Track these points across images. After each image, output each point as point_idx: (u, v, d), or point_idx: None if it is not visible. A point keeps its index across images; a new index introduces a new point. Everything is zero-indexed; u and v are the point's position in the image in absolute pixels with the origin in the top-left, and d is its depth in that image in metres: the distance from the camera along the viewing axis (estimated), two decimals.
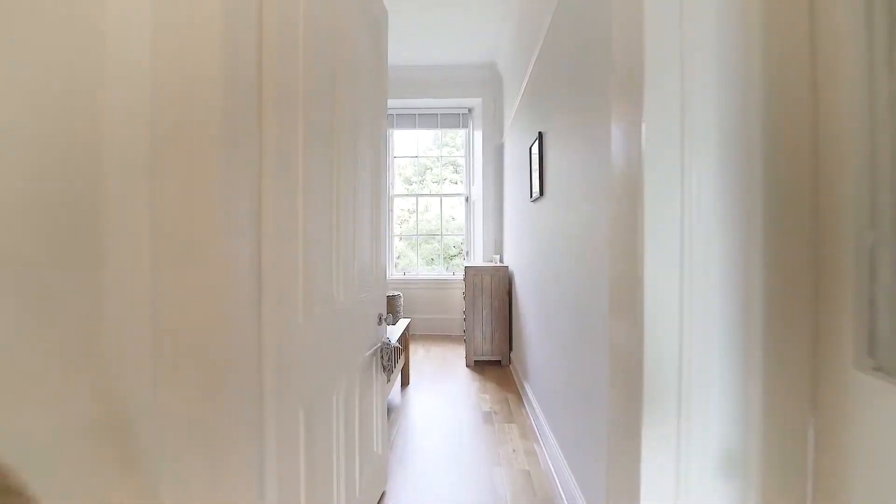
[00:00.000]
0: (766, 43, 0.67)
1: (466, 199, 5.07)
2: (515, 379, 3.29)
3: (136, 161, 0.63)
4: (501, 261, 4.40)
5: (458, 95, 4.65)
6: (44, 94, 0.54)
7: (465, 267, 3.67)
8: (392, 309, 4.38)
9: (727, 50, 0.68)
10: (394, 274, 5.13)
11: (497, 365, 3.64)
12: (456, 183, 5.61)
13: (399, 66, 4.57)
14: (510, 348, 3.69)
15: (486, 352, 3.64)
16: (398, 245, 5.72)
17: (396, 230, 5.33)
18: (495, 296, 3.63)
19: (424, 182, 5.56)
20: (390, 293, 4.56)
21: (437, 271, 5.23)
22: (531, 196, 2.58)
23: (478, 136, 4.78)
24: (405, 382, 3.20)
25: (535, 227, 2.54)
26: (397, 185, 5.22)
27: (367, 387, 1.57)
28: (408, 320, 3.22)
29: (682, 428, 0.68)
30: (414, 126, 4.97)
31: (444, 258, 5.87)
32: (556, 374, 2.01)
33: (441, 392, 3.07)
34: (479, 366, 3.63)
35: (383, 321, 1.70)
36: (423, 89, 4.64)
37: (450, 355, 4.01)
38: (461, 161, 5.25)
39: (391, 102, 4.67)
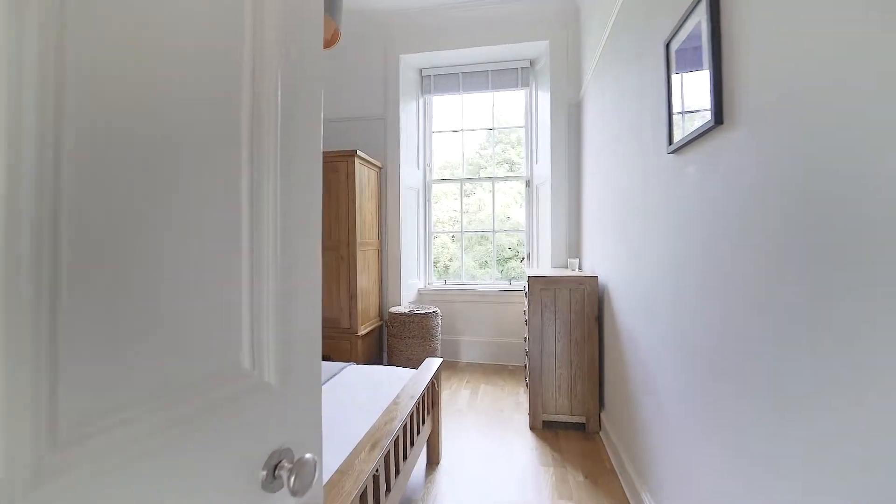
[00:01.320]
0: None
1: (527, 184, 3.80)
2: (613, 460, 1.98)
3: None
4: (580, 267, 3.08)
5: (516, 40, 3.40)
6: None
7: (529, 277, 2.42)
8: (425, 331, 3.25)
9: None
10: (431, 282, 3.98)
11: (579, 431, 2.35)
12: (512, 170, 4.36)
13: (432, 6, 3.43)
14: (601, 406, 2.37)
15: (561, 409, 2.36)
16: (450, 247, 4.60)
17: (438, 228, 4.19)
18: (576, 322, 2.34)
19: (473, 164, 4.37)
20: (424, 310, 3.44)
21: (489, 279, 4.00)
22: (670, 141, 1.30)
23: (543, 97, 3.51)
24: (433, 460, 2.02)
25: (683, 197, 1.25)
26: (438, 169, 4.07)
27: None
28: (437, 363, 2.04)
29: None
30: (457, 89, 3.80)
31: (498, 261, 4.64)
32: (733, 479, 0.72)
33: (488, 484, 1.86)
34: (550, 431, 2.36)
35: (283, 479, 0.52)
36: (469, 35, 3.46)
37: (506, 404, 2.77)
38: (518, 134, 3.99)
39: (423, 59, 3.54)
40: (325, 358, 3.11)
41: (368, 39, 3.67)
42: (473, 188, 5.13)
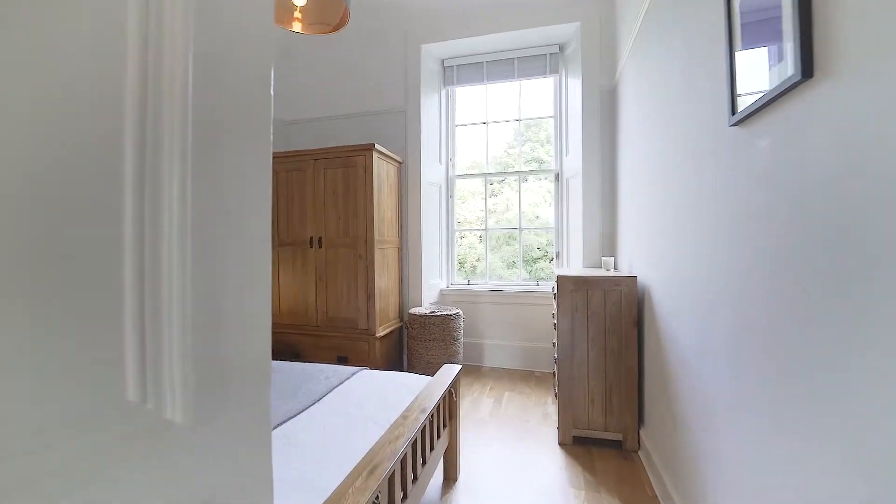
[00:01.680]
0: None
1: (556, 178, 3.55)
2: (655, 485, 1.74)
3: None
4: (615, 267, 2.82)
5: (544, 23, 3.17)
6: None
7: (558, 277, 2.20)
8: (446, 334, 3.08)
9: None
10: (454, 283, 3.81)
11: (615, 449, 2.10)
12: (541, 168, 4.14)
13: None
14: (640, 422, 2.12)
15: (595, 423, 2.12)
16: (478, 247, 4.41)
17: (465, 227, 4.01)
18: (612, 327, 2.10)
19: (500, 163, 4.16)
20: (446, 311, 3.26)
21: (516, 280, 3.78)
22: (733, 111, 1.06)
23: (574, 84, 3.26)
24: (450, 475, 1.84)
25: (752, 179, 1.02)
26: (462, 164, 3.89)
27: None
28: (455, 370, 1.86)
29: None
30: (481, 79, 3.60)
31: (526, 261, 4.42)
32: None
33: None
34: (582, 447, 2.13)
35: None
36: (493, 20, 3.26)
37: (533, 414, 2.55)
38: (547, 131, 3.75)
39: (445, 49, 3.38)
40: (342, 360, 2.99)
41: (388, 30, 3.54)
42: (501, 188, 4.92)
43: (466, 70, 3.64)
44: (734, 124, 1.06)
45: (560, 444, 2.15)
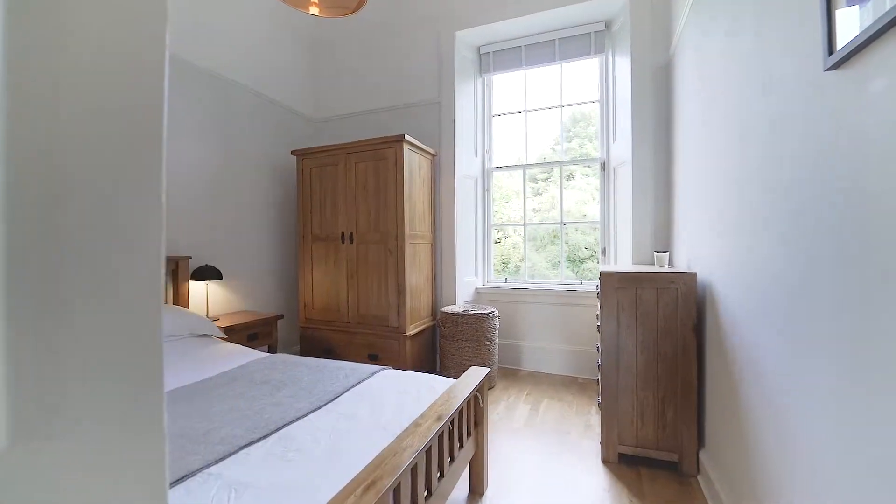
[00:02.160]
0: None
1: (602, 168, 3.26)
2: None
3: None
4: (670, 263, 2.50)
5: None
6: None
7: (601, 273, 1.96)
8: (480, 334, 2.90)
9: None
10: (491, 280, 3.62)
11: (669, 471, 1.82)
12: (590, 165, 3.87)
13: None
14: (700, 442, 1.83)
15: (645, 440, 1.86)
16: (521, 247, 4.19)
17: (499, 223, 3.81)
18: (666, 331, 1.83)
19: (544, 157, 3.91)
20: (480, 310, 3.09)
21: (559, 279, 3.52)
22: (830, 50, 0.81)
23: (622, 64, 2.96)
24: (476, 489, 1.67)
25: (860, 138, 0.77)
26: (501, 158, 3.70)
27: None
28: (482, 374, 1.69)
29: None
30: (519, 64, 3.39)
31: (572, 262, 4.15)
32: None
33: None
34: (629, 467, 1.87)
35: None
36: None
37: (574, 425, 2.32)
38: (594, 117, 3.46)
39: (480, 35, 3.21)
40: (373, 358, 2.91)
41: (420, 20, 3.43)
42: (546, 185, 4.65)
43: (503, 56, 3.44)
44: (832, 67, 0.81)
45: (604, 461, 1.91)
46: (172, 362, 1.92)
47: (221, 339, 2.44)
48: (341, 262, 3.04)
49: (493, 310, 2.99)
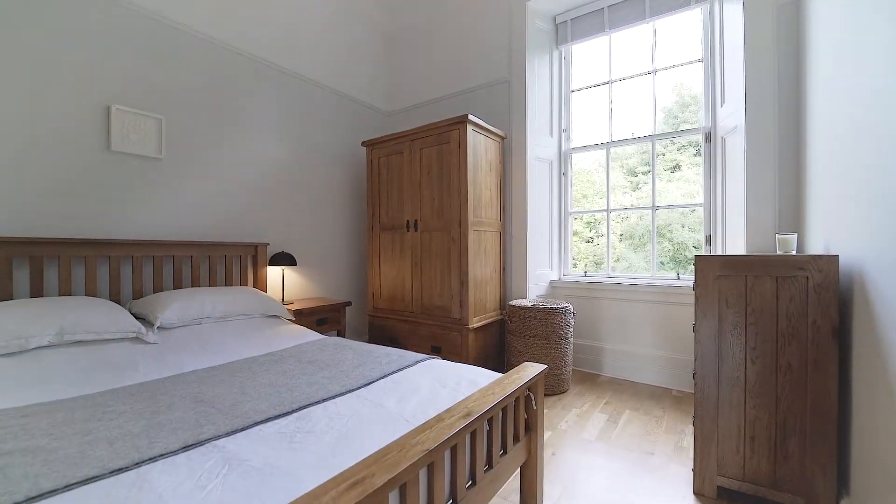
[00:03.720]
0: None
1: (706, 138, 2.71)
2: None
3: None
4: (799, 249, 1.94)
5: None
6: None
7: (697, 259, 1.56)
8: (551, 331, 2.59)
9: None
10: (568, 273, 3.27)
11: None
12: (699, 153, 3.32)
13: None
14: (841, 487, 1.34)
15: (756, 474, 1.42)
16: (617, 247, 3.77)
17: (575, 210, 3.43)
18: (790, 334, 1.38)
19: (645, 151, 3.43)
20: (550, 305, 2.78)
21: (650, 274, 3.04)
22: None
23: (732, 11, 2.41)
24: (529, 503, 1.43)
25: None
26: (580, 136, 3.33)
27: None
28: (538, 369, 1.44)
29: None
30: (602, 28, 3.00)
31: (678, 263, 3.59)
32: None
33: None
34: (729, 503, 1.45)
35: None
36: None
37: (661, 445, 1.92)
38: (688, 75, 2.90)
39: (555, 2, 2.90)
40: (436, 351, 2.80)
41: None
42: (647, 178, 4.11)
43: (583, 22, 3.08)
44: None
45: (696, 493, 1.52)
46: (238, 339, 2.02)
47: (290, 321, 2.55)
48: (406, 250, 2.99)
49: (566, 304, 2.66)
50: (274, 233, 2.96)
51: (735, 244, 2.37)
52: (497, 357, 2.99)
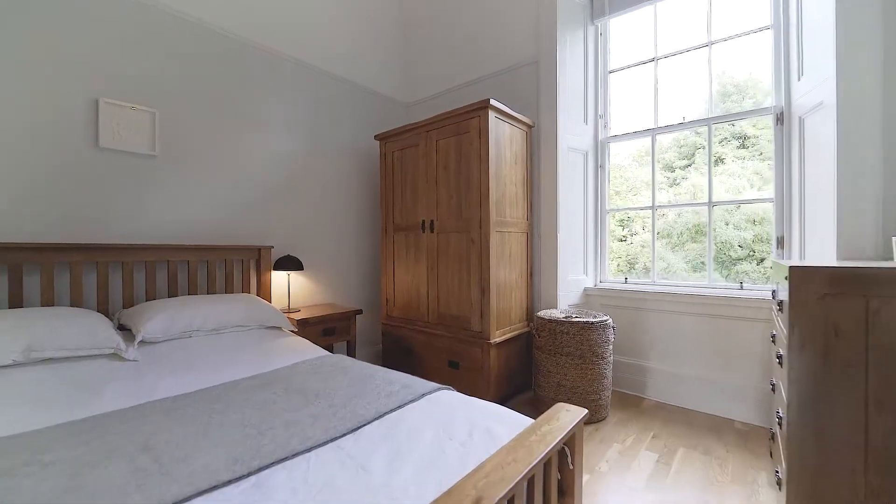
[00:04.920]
0: None
1: (777, 120, 2.26)
2: None
3: None
4: None
5: None
6: None
7: (791, 270, 1.17)
8: (587, 348, 2.23)
9: None
10: (605, 280, 2.89)
11: None
12: (744, 145, 2.88)
13: None
14: None
15: None
16: (652, 243, 3.34)
17: (614, 208, 3.03)
18: None
19: (687, 143, 2.99)
20: (588, 317, 2.41)
21: (706, 282, 2.62)
22: None
23: None
24: None
25: None
26: (618, 123, 2.93)
27: None
28: (577, 416, 1.10)
29: None
30: None
31: (720, 264, 3.14)
32: None
33: None
34: None
35: None
36: None
37: (731, 497, 1.53)
38: (751, 48, 2.44)
39: None
40: (453, 366, 2.49)
41: None
42: (686, 173, 3.63)
43: None
44: None
45: None
46: (228, 356, 1.78)
47: (293, 332, 2.31)
48: (421, 253, 2.70)
49: (605, 318, 2.29)
50: (279, 235, 2.74)
51: (818, 248, 1.93)
52: (522, 375, 2.65)
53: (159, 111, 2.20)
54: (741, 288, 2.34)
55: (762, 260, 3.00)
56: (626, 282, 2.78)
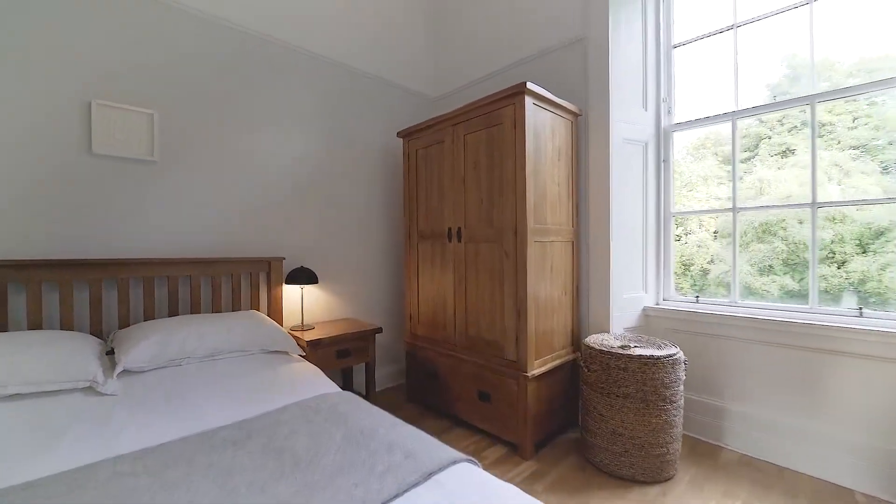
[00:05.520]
0: None
1: None
2: None
3: None
4: None
5: None
6: None
7: None
8: (651, 389, 1.77)
9: None
10: (670, 298, 2.40)
11: None
12: (831, 129, 2.27)
13: None
14: None
15: None
16: (711, 245, 2.78)
17: (681, 211, 2.51)
18: None
19: (749, 134, 2.42)
20: (654, 349, 1.93)
21: (810, 305, 2.08)
22: None
23: None
24: None
25: None
26: (684, 108, 2.42)
27: None
28: None
29: None
30: None
31: (790, 268, 2.53)
32: None
33: None
34: None
35: None
36: None
37: None
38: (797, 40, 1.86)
39: None
40: (484, 399, 2.12)
41: None
42: (751, 166, 3.02)
43: None
44: None
45: None
46: (214, 391, 1.53)
47: (301, 356, 2.05)
48: (447, 266, 2.35)
49: (675, 350, 1.82)
50: (291, 245, 2.50)
51: None
52: (567, 415, 2.22)
53: (158, 112, 2.01)
54: (860, 315, 1.79)
55: (843, 263, 2.39)
56: (697, 301, 2.27)
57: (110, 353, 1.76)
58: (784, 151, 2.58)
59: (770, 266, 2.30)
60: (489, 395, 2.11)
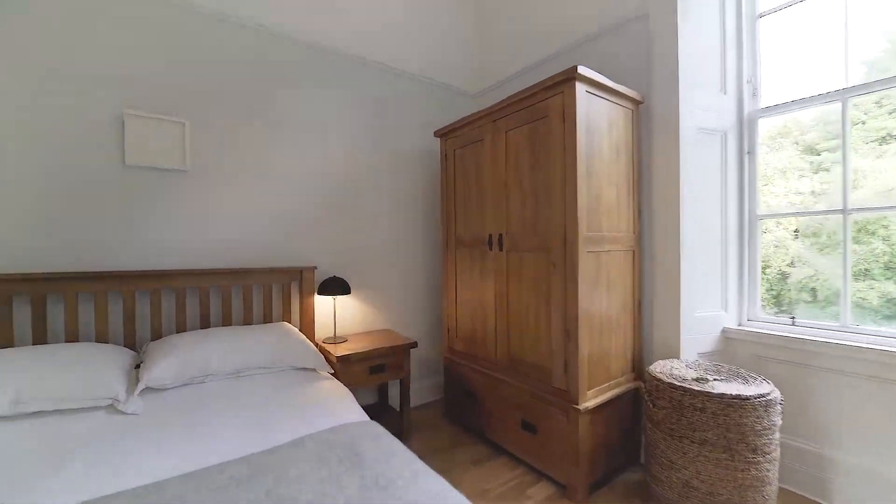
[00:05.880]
0: None
1: None
2: None
3: None
4: None
5: None
6: None
7: None
8: (737, 435, 1.41)
9: None
10: (756, 318, 2.00)
11: None
12: None
13: None
14: None
15: None
16: (791, 245, 2.32)
17: (766, 209, 2.08)
18: None
19: (831, 121, 1.95)
20: (739, 385, 1.56)
21: None
22: None
23: None
24: None
25: None
26: (769, 88, 2.01)
27: None
28: None
29: None
30: None
31: (885, 272, 2.00)
32: None
33: None
34: None
35: None
36: None
37: None
38: None
39: None
40: (529, 429, 1.88)
41: None
42: (836, 157, 2.48)
43: None
44: None
45: None
46: (234, 413, 1.42)
47: (330, 373, 1.92)
48: (488, 276, 2.13)
49: (769, 390, 1.47)
50: (323, 253, 2.40)
51: None
52: (625, 446, 1.91)
53: (190, 122, 1.97)
54: None
55: None
56: (793, 323, 1.86)
57: (140, 365, 1.74)
58: (885, 137, 2.07)
59: (866, 270, 1.83)
60: (534, 426, 1.86)
